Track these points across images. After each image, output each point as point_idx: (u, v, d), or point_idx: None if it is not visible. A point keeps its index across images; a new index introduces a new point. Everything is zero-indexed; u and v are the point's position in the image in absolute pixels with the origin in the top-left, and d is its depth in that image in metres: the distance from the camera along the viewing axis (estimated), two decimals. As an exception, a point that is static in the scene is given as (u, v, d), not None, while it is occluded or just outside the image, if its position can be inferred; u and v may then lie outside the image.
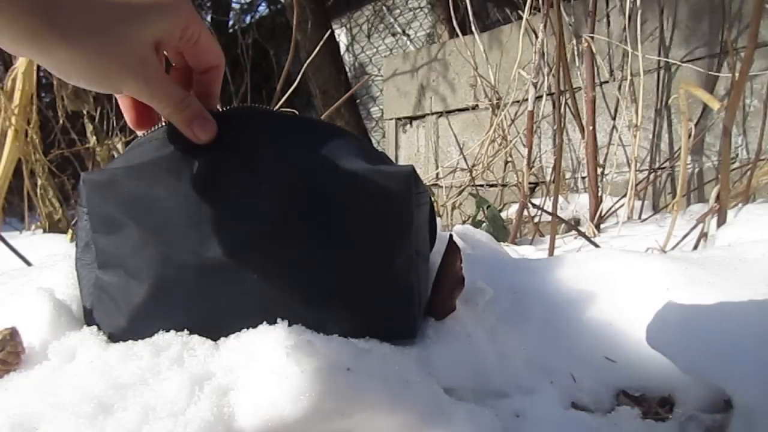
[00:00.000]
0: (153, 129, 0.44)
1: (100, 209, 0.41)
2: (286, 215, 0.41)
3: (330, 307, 0.42)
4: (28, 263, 0.60)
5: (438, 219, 0.54)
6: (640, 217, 1.33)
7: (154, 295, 0.41)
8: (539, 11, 1.35)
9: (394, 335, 0.43)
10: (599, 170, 1.41)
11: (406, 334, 0.44)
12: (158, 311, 0.41)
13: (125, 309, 0.42)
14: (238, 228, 0.40)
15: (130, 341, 0.41)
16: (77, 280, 0.45)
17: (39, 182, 1.66)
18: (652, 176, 1.44)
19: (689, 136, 0.90)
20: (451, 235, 0.52)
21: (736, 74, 1.03)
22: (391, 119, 2.24)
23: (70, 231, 1.32)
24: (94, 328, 0.43)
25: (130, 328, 0.42)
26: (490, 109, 1.65)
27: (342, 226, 0.42)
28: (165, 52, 0.43)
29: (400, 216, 0.43)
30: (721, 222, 0.73)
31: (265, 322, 0.41)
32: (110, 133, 2.02)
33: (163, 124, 0.43)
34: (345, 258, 0.42)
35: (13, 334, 0.41)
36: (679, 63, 1.35)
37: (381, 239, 0.43)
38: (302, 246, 0.41)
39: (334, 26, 2.53)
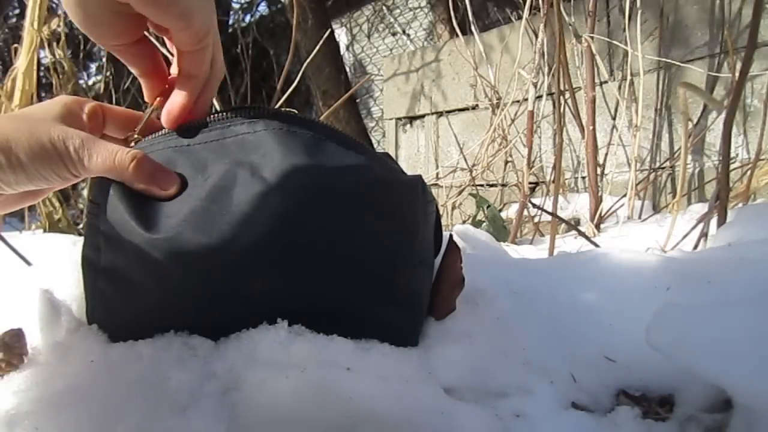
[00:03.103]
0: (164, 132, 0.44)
1: (110, 210, 0.41)
2: (289, 223, 0.40)
3: (332, 315, 0.42)
4: (28, 263, 0.60)
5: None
6: (640, 217, 1.33)
7: (156, 301, 0.41)
8: (539, 11, 1.35)
9: (396, 344, 0.43)
10: (599, 170, 1.41)
11: (408, 343, 0.44)
12: (160, 317, 0.41)
13: (127, 312, 0.42)
14: (242, 236, 0.40)
15: (130, 341, 0.41)
16: (82, 278, 0.45)
17: (39, 182, 1.65)
18: (652, 176, 1.44)
19: (689, 136, 0.90)
20: (451, 235, 0.52)
21: (736, 74, 1.03)
22: (391, 119, 2.24)
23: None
24: (95, 327, 0.43)
25: (131, 332, 0.42)
26: (490, 109, 1.65)
27: (346, 235, 0.41)
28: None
29: (405, 225, 0.43)
30: (721, 222, 0.73)
31: (265, 322, 0.41)
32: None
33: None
34: (348, 266, 0.42)
35: (19, 335, 0.41)
36: (679, 63, 1.35)
37: (385, 248, 0.42)
38: (305, 254, 0.41)
39: (334, 26, 2.53)
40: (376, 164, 0.44)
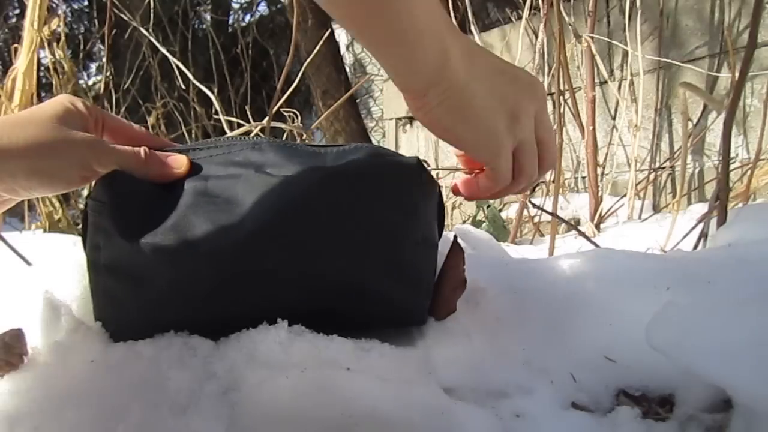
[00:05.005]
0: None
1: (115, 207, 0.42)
2: (293, 207, 0.41)
3: (337, 294, 0.43)
4: (28, 263, 0.60)
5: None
6: (640, 217, 1.33)
7: (165, 289, 0.41)
8: (539, 11, 1.35)
9: (402, 323, 0.44)
10: (599, 170, 1.41)
11: (413, 321, 0.44)
12: (169, 304, 0.42)
13: (135, 304, 0.42)
14: (246, 222, 0.40)
15: (131, 341, 0.41)
16: (88, 276, 0.45)
17: (39, 182, 1.65)
18: (652, 176, 1.44)
19: (689, 136, 0.90)
20: (455, 237, 0.52)
21: (736, 74, 1.03)
22: (391, 119, 2.24)
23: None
24: (95, 327, 0.43)
25: (134, 330, 0.42)
26: (490, 109, 1.64)
27: (347, 213, 0.42)
28: None
29: (404, 203, 0.44)
30: (721, 222, 0.73)
31: (265, 322, 0.41)
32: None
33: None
34: (352, 247, 0.42)
35: (19, 335, 0.41)
36: (679, 63, 1.35)
37: (386, 224, 0.43)
38: (309, 236, 0.42)
39: (334, 26, 2.53)
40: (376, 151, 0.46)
